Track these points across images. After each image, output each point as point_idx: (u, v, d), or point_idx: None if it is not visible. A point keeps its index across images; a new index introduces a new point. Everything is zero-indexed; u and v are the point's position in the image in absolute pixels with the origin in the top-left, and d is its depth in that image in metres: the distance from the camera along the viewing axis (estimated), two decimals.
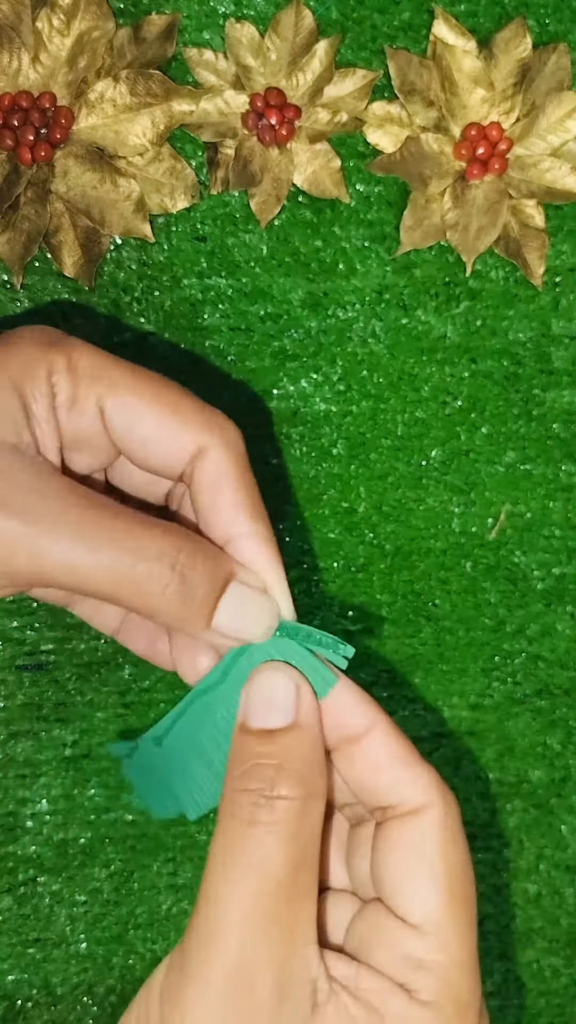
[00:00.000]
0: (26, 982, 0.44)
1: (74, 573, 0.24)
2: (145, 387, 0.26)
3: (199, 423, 0.26)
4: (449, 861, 0.25)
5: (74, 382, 0.26)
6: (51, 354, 0.26)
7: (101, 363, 0.26)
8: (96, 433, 0.26)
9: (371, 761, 0.26)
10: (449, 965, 0.24)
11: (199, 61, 0.39)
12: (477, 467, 0.43)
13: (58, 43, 0.37)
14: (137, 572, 0.24)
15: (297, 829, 0.24)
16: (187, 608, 0.25)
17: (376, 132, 0.40)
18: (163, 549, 0.24)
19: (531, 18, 0.40)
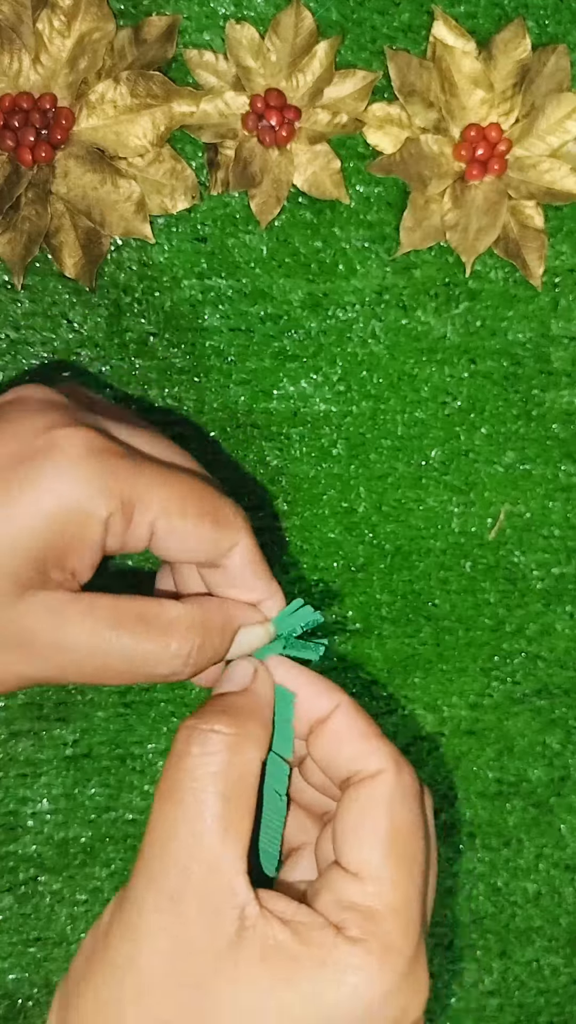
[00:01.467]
0: (27, 981, 0.44)
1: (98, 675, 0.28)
2: (191, 504, 0.29)
3: (232, 526, 0.30)
4: (395, 818, 0.27)
5: (128, 514, 0.27)
6: (107, 496, 0.27)
7: (148, 488, 0.28)
8: (140, 546, 0.29)
9: (335, 736, 0.29)
10: (382, 910, 0.26)
11: (199, 62, 0.39)
12: (477, 467, 0.43)
13: (59, 44, 0.37)
14: (158, 672, 0.28)
15: (227, 764, 0.26)
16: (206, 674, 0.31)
17: (376, 133, 0.40)
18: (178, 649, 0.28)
19: (530, 19, 0.40)
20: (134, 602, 0.28)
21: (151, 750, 0.43)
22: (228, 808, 0.26)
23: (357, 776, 0.28)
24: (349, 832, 0.27)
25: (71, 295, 0.40)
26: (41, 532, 0.26)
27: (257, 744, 0.28)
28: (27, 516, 0.26)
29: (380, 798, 0.27)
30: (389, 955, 0.26)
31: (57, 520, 0.26)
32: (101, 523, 0.27)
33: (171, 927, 0.25)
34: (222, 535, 0.29)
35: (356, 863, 0.27)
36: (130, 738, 0.43)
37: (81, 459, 0.27)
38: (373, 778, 0.28)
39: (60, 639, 0.27)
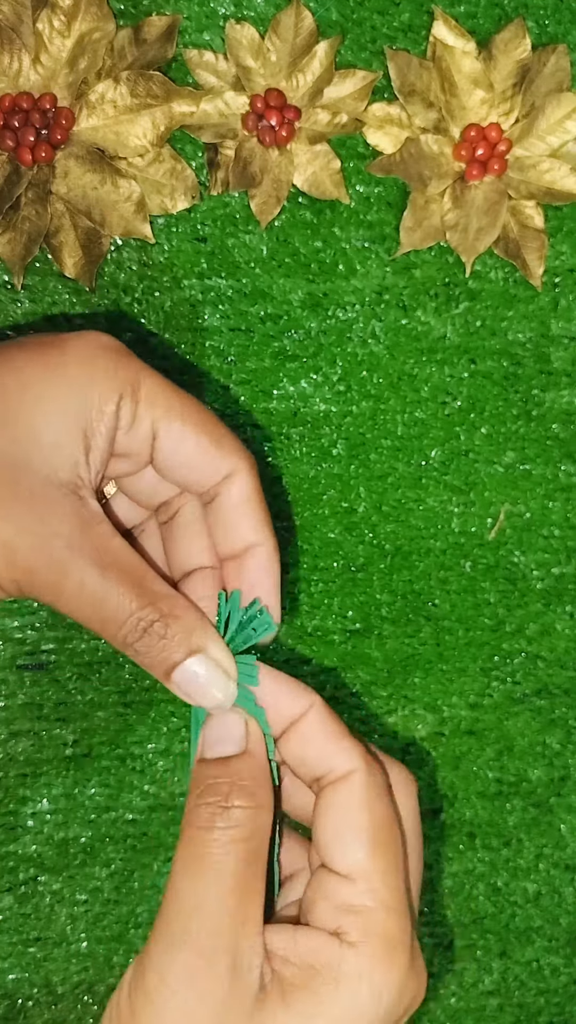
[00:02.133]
0: (27, 981, 0.44)
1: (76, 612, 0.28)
2: (192, 414, 0.29)
3: (233, 451, 0.30)
4: (373, 816, 0.28)
5: (135, 406, 0.29)
6: (122, 382, 0.28)
7: (158, 387, 0.29)
8: (143, 450, 0.29)
9: (306, 738, 0.29)
10: (376, 907, 0.27)
11: (199, 62, 0.39)
12: (476, 467, 0.43)
13: (59, 44, 0.37)
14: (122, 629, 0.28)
15: (249, 833, 0.28)
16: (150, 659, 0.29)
17: (376, 133, 0.40)
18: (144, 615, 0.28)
19: (530, 19, 0.40)
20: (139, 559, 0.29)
21: (151, 750, 0.43)
22: (249, 872, 0.27)
23: (329, 777, 0.29)
24: (332, 835, 0.28)
25: (71, 295, 0.40)
26: (74, 417, 0.28)
27: (269, 809, 0.29)
28: (60, 400, 0.28)
29: (356, 797, 0.28)
30: (392, 952, 0.27)
31: (83, 404, 0.28)
32: (113, 406, 0.28)
33: (197, 996, 0.26)
34: (221, 455, 0.30)
35: (344, 865, 0.28)
36: (130, 738, 0.43)
37: (102, 347, 0.29)
38: (347, 779, 0.29)
39: (76, 545, 0.28)
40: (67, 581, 0.28)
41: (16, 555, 0.27)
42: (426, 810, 0.45)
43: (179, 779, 0.44)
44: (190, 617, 0.29)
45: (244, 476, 0.30)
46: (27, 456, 0.27)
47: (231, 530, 0.31)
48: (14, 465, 0.27)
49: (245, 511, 0.30)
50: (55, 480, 0.28)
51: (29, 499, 0.27)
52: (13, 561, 0.27)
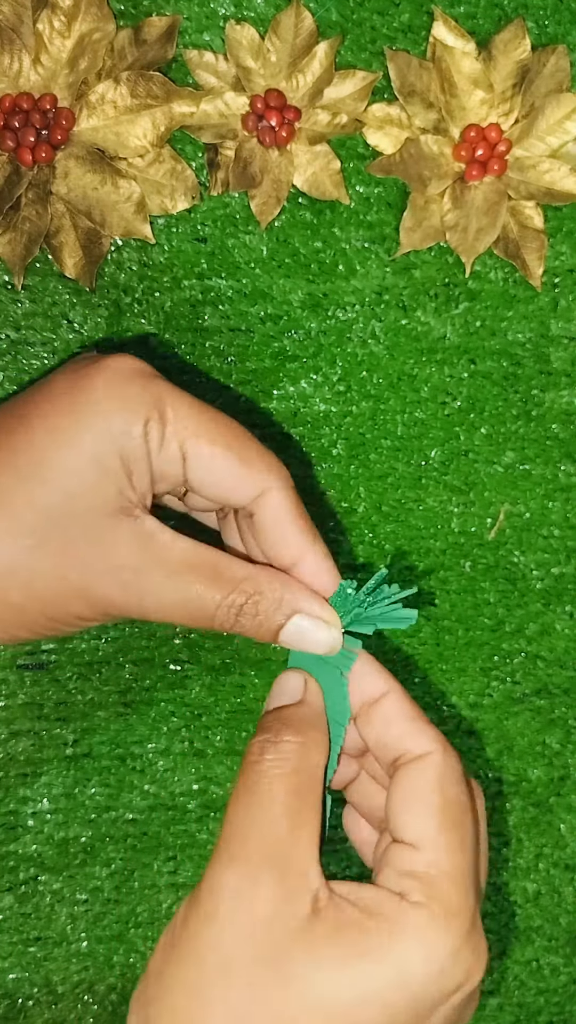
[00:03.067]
0: (27, 980, 0.44)
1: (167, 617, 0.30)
2: (220, 434, 0.30)
3: (262, 469, 0.31)
4: (445, 793, 0.29)
5: (163, 428, 0.29)
6: (148, 407, 0.29)
7: (185, 408, 0.30)
8: (176, 471, 0.30)
9: (385, 719, 0.31)
10: (439, 875, 0.28)
11: (199, 63, 0.39)
12: (476, 467, 0.43)
13: (59, 45, 0.37)
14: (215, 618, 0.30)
15: (298, 764, 0.29)
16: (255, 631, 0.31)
17: (376, 134, 0.40)
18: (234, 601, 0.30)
19: (530, 20, 0.40)
20: (209, 550, 0.30)
21: (151, 750, 0.43)
22: (300, 803, 0.29)
23: (406, 756, 0.30)
24: (404, 807, 0.29)
25: (71, 295, 0.40)
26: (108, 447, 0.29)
27: (320, 749, 0.30)
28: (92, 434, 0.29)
29: (431, 776, 0.29)
30: (452, 917, 0.27)
31: (115, 431, 0.29)
32: (141, 429, 0.29)
33: (250, 910, 0.27)
34: (251, 476, 0.31)
35: (413, 835, 0.29)
36: (130, 738, 0.43)
37: (127, 373, 0.30)
38: (423, 758, 0.30)
39: (142, 567, 0.29)
40: (146, 601, 0.29)
41: (93, 595, 0.29)
42: None
43: (179, 779, 0.44)
44: (275, 587, 0.31)
45: (276, 493, 0.31)
46: (74, 502, 0.29)
47: (276, 547, 0.32)
48: (67, 512, 0.29)
49: (285, 525, 0.31)
50: (106, 512, 0.29)
51: (90, 540, 0.29)
52: (92, 600, 0.30)
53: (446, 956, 0.27)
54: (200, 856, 0.44)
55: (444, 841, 0.28)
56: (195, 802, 0.44)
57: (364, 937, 0.27)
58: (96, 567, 0.29)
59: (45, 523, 0.29)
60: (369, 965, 0.26)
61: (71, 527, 0.29)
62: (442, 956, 0.27)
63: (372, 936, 0.27)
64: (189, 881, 0.44)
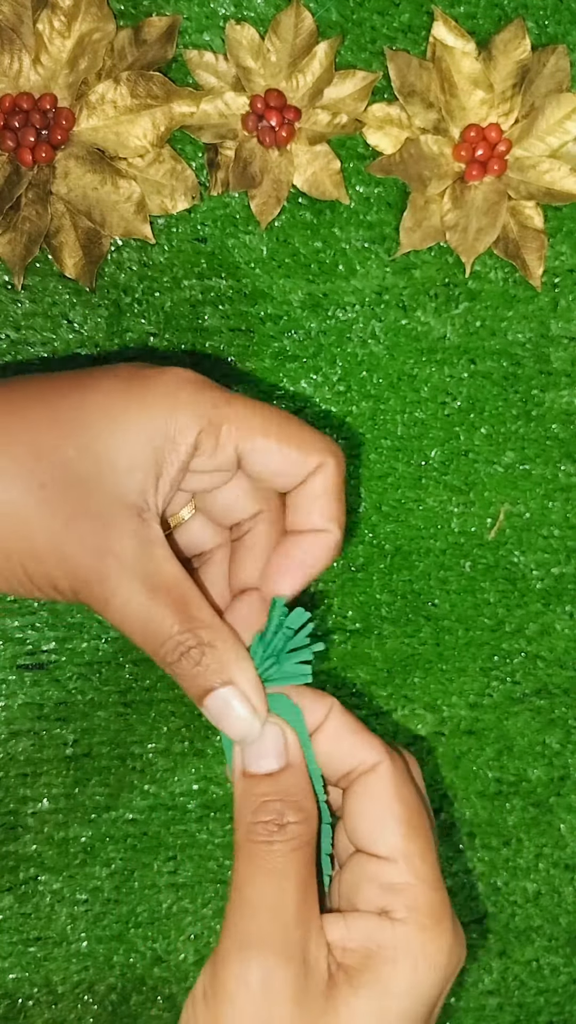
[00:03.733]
0: (27, 980, 0.44)
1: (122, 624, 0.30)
2: (273, 427, 0.31)
3: (318, 449, 0.32)
4: (403, 801, 0.31)
5: (217, 435, 0.30)
6: (201, 417, 0.30)
7: (239, 412, 0.31)
8: (229, 468, 0.32)
9: (331, 737, 0.32)
10: (417, 884, 0.30)
11: (199, 63, 0.39)
12: (476, 467, 0.43)
13: (59, 45, 0.37)
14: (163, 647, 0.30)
15: (304, 841, 0.30)
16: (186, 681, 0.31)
17: (376, 134, 0.40)
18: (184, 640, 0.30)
19: (530, 20, 0.40)
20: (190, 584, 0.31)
21: (151, 750, 0.43)
22: (306, 874, 0.30)
23: (357, 770, 0.31)
24: (367, 820, 0.31)
25: (71, 295, 0.40)
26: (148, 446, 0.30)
27: (315, 817, 0.31)
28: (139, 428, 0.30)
29: (385, 785, 0.31)
30: (438, 923, 0.29)
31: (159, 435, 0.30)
32: (192, 438, 0.30)
33: (277, 995, 0.28)
34: (307, 456, 0.31)
35: (383, 848, 0.30)
36: (130, 738, 0.43)
37: (183, 382, 0.30)
38: (374, 770, 0.31)
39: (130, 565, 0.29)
40: (115, 598, 0.30)
41: (76, 567, 0.29)
42: None
43: (179, 779, 0.44)
44: (227, 648, 0.31)
45: (330, 469, 0.32)
46: (101, 477, 0.29)
47: (303, 514, 0.32)
48: (88, 484, 0.29)
49: (322, 502, 0.32)
50: (123, 501, 0.30)
51: (96, 517, 0.29)
52: (72, 572, 0.30)
53: (443, 960, 0.29)
54: (200, 856, 0.44)
55: (414, 849, 0.30)
56: (195, 802, 0.44)
57: (375, 979, 0.29)
58: (89, 544, 0.29)
59: (64, 483, 0.29)
60: (389, 999, 0.29)
61: (85, 499, 0.29)
62: (440, 961, 0.29)
63: (381, 974, 0.29)
64: (189, 881, 0.44)
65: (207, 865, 0.44)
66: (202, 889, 0.45)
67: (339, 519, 0.33)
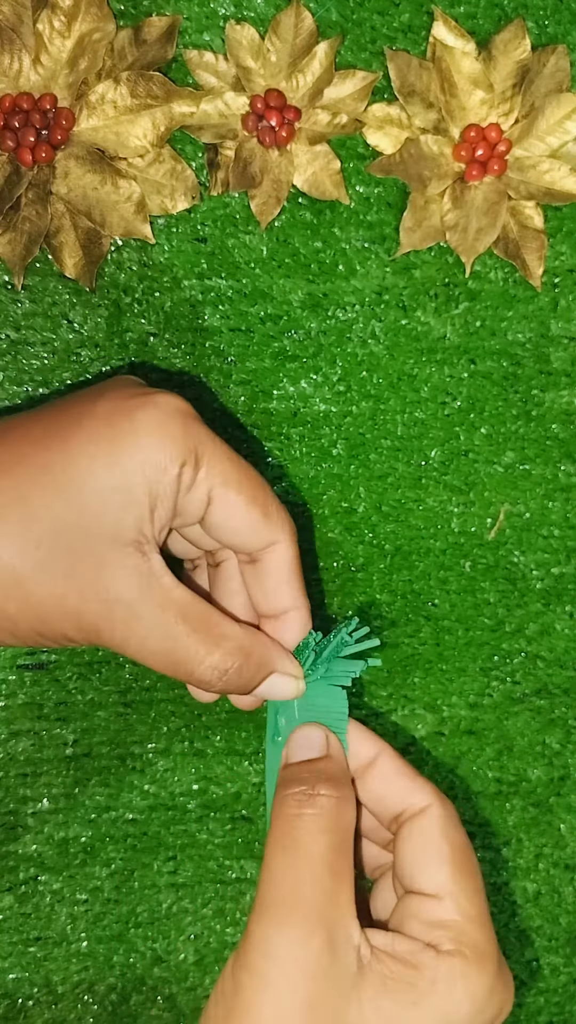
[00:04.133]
0: (27, 980, 0.44)
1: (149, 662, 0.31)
2: (246, 485, 0.32)
3: (279, 522, 0.32)
4: (452, 842, 0.31)
5: (195, 472, 0.30)
6: (186, 450, 0.30)
7: (218, 456, 0.31)
8: (197, 512, 0.31)
9: (383, 779, 0.33)
10: (464, 922, 0.30)
11: (199, 63, 0.39)
12: (476, 467, 0.43)
13: (59, 45, 0.37)
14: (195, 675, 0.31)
15: (335, 820, 0.30)
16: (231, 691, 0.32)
17: (376, 134, 0.40)
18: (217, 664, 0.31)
19: (530, 20, 0.40)
20: (203, 604, 0.31)
21: (151, 750, 0.43)
22: (341, 861, 0.30)
23: (408, 812, 0.32)
24: (417, 861, 0.31)
25: (71, 295, 0.40)
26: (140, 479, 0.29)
27: (352, 803, 0.32)
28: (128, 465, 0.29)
29: (436, 826, 0.32)
30: (483, 959, 0.30)
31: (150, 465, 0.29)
32: (176, 470, 0.30)
33: (303, 971, 0.28)
34: (268, 526, 0.32)
35: (431, 886, 0.31)
36: (130, 738, 0.43)
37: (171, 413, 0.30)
38: (424, 812, 0.32)
39: (137, 605, 0.30)
40: (132, 639, 0.30)
41: (82, 620, 0.30)
42: None
43: (179, 779, 0.44)
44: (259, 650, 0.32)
45: (287, 546, 0.33)
46: (95, 523, 0.29)
47: (271, 595, 0.34)
48: (83, 533, 0.29)
49: (286, 579, 0.33)
50: (120, 540, 0.30)
51: (95, 565, 0.29)
52: (80, 623, 0.30)
53: (483, 996, 0.29)
54: (200, 856, 0.44)
55: (461, 888, 0.30)
56: (195, 802, 0.44)
57: (409, 988, 0.29)
58: (94, 594, 0.29)
59: (57, 539, 0.29)
60: (417, 1013, 0.28)
61: (81, 549, 0.29)
62: (480, 997, 0.29)
63: (417, 987, 0.29)
64: (189, 881, 0.44)
65: (207, 865, 0.44)
66: (202, 889, 0.45)
67: (305, 596, 0.34)
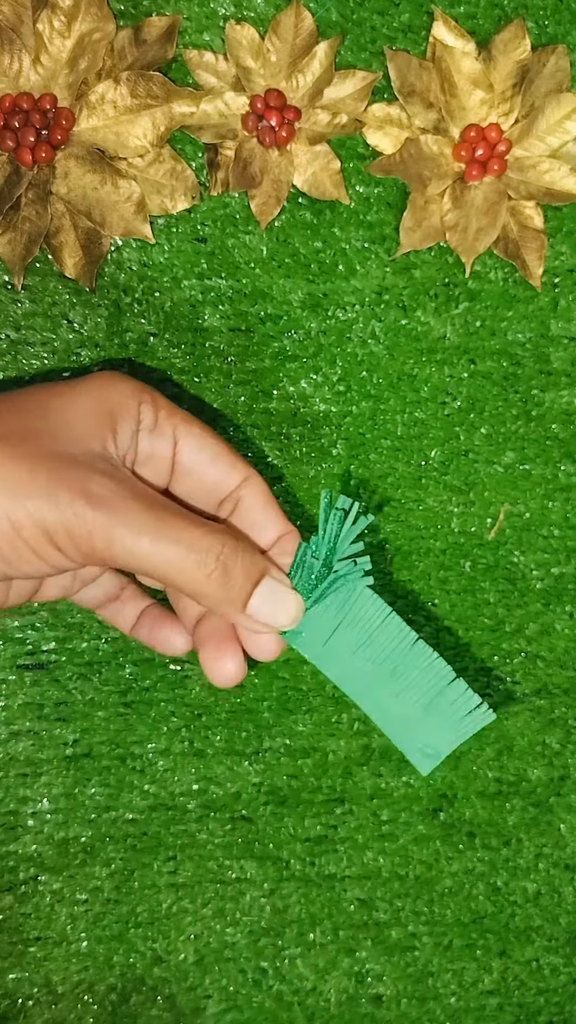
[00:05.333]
0: (27, 980, 0.44)
1: (138, 559, 0.30)
2: (205, 426, 0.34)
3: (242, 458, 0.35)
4: None
5: (156, 413, 0.33)
6: (140, 393, 0.33)
7: (173, 405, 0.34)
8: (166, 454, 0.34)
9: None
10: None
11: (199, 63, 0.39)
12: (476, 467, 0.43)
13: (59, 45, 0.37)
14: (188, 561, 0.31)
15: None
16: (226, 592, 0.32)
17: (376, 134, 0.40)
18: (211, 544, 0.31)
19: (530, 20, 0.40)
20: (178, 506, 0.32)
21: (151, 750, 0.43)
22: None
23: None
24: None
25: (71, 295, 0.40)
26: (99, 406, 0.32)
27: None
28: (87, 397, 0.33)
29: None
30: None
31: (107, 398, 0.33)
32: (135, 406, 0.33)
33: None
34: (237, 459, 0.34)
35: None
36: (130, 738, 0.43)
37: (117, 376, 0.34)
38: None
39: (120, 499, 0.30)
40: (121, 527, 0.30)
41: (72, 513, 0.30)
42: (426, 810, 0.45)
43: (179, 779, 0.44)
44: (249, 543, 0.33)
45: (259, 479, 0.35)
46: (63, 444, 0.31)
47: (261, 528, 0.35)
48: (55, 455, 0.30)
49: (271, 507, 0.35)
50: (88, 453, 0.31)
51: (75, 476, 0.30)
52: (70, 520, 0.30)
53: None
54: (200, 856, 0.44)
55: None
56: (195, 802, 0.44)
57: None
58: (78, 488, 0.30)
59: (37, 448, 0.30)
60: None
61: (59, 455, 0.30)
62: None
63: None
64: (189, 881, 0.44)
65: (207, 865, 0.44)
66: (202, 889, 0.45)
67: (286, 521, 0.35)
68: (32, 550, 0.30)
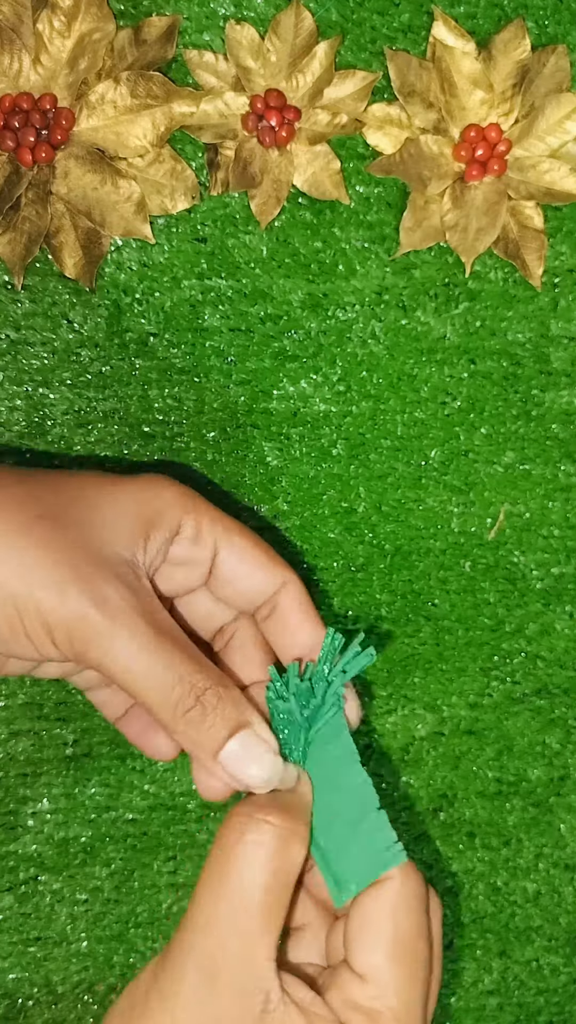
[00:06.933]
0: (27, 980, 0.44)
1: (126, 673, 0.30)
2: (246, 533, 0.34)
3: (281, 562, 0.34)
4: (399, 925, 0.29)
5: (200, 526, 0.33)
6: (186, 502, 0.33)
7: (217, 513, 0.34)
8: (205, 560, 0.33)
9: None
10: (384, 1011, 0.28)
11: (199, 63, 0.39)
12: (476, 467, 0.43)
13: (59, 45, 0.37)
14: (173, 692, 0.30)
15: (276, 857, 0.29)
16: (199, 734, 0.30)
17: (376, 134, 0.40)
18: (197, 681, 0.30)
19: (530, 20, 0.40)
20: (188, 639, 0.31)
21: None
22: (270, 900, 0.28)
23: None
24: (356, 935, 0.29)
25: (71, 295, 0.40)
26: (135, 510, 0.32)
27: (302, 842, 0.30)
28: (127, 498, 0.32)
29: (386, 904, 0.29)
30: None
31: (146, 501, 0.32)
32: (178, 516, 0.32)
33: (206, 999, 0.28)
34: (276, 565, 0.34)
35: (362, 966, 0.29)
36: None
37: (166, 481, 0.33)
38: (381, 883, 0.29)
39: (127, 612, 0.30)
40: (117, 640, 0.29)
41: (75, 613, 0.29)
42: (426, 810, 0.45)
43: (179, 779, 0.44)
44: (236, 696, 0.31)
45: (298, 584, 0.34)
46: (95, 541, 0.31)
47: (297, 633, 0.34)
48: (83, 549, 0.30)
49: (307, 614, 0.34)
50: (114, 556, 0.31)
51: (93, 564, 0.30)
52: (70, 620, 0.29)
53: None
54: (200, 856, 0.44)
55: (393, 977, 0.29)
56: (195, 802, 0.44)
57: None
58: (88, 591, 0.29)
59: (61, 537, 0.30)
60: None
61: (81, 552, 0.30)
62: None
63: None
64: (189, 881, 0.44)
65: None
66: None
67: (322, 624, 0.34)
68: (28, 637, 0.30)
